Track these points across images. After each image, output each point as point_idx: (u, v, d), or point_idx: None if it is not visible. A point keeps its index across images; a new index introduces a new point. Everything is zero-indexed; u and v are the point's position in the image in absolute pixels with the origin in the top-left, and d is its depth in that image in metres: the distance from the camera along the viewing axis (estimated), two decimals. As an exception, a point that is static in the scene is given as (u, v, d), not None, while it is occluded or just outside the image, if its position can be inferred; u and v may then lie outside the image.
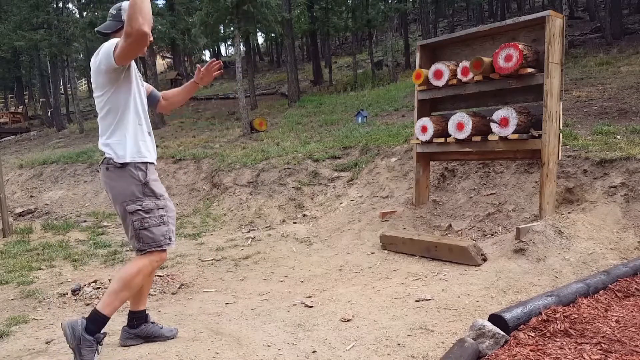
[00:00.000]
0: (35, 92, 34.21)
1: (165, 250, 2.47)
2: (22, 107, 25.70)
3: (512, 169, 5.18)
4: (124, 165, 2.33)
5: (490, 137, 4.36)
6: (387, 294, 3.32)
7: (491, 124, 4.31)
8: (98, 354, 2.32)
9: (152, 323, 2.62)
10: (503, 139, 4.24)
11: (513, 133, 4.13)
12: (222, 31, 22.34)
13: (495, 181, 5.20)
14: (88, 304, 3.43)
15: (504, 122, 4.16)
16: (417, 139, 4.96)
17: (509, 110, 4.14)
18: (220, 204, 7.11)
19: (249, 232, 5.92)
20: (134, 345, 2.56)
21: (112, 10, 2.40)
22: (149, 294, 3.57)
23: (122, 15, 2.33)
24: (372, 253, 4.45)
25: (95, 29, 2.47)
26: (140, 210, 2.35)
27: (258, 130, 11.43)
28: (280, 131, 10.91)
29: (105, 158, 2.37)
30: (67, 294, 3.61)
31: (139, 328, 2.57)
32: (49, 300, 3.55)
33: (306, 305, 3.18)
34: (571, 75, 9.43)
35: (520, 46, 4.01)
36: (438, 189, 5.62)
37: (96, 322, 2.31)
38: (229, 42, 33.75)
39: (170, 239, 2.46)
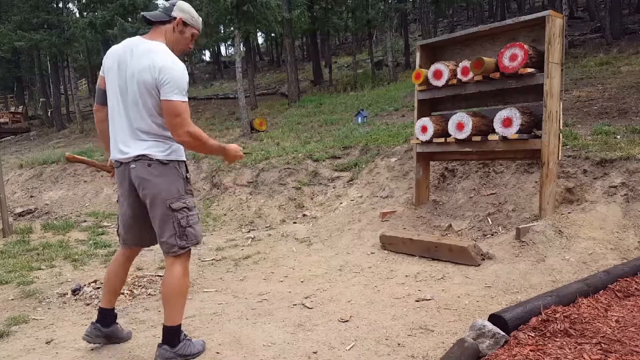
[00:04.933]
0: (35, 92, 34.19)
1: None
2: (22, 107, 25.69)
3: (512, 169, 5.18)
4: (169, 162, 2.31)
5: (490, 137, 4.36)
6: (387, 294, 3.33)
7: (494, 124, 4.31)
8: (191, 340, 2.47)
9: (117, 324, 2.64)
10: (503, 139, 4.24)
11: (515, 133, 4.13)
12: (222, 31, 22.32)
13: (495, 181, 5.20)
14: (88, 304, 3.42)
15: (507, 123, 4.16)
16: (417, 139, 4.96)
17: (512, 111, 4.14)
18: (220, 204, 7.11)
19: (249, 232, 5.92)
20: (98, 344, 2.58)
21: (167, 3, 2.39)
22: (150, 294, 3.58)
23: (173, 11, 2.35)
24: (372, 253, 4.45)
25: (142, 13, 2.46)
26: (185, 208, 2.34)
27: (258, 130, 11.43)
28: (280, 131, 10.91)
29: (143, 155, 2.28)
30: (67, 294, 3.61)
31: (110, 327, 2.57)
32: (49, 300, 3.55)
33: (306, 306, 3.18)
34: (571, 75, 9.43)
35: (525, 46, 4.02)
36: (438, 189, 5.62)
37: (174, 335, 2.37)
38: (229, 42, 33.74)
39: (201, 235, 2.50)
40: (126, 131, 2.31)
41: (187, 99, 2.25)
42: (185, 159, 2.41)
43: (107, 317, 2.57)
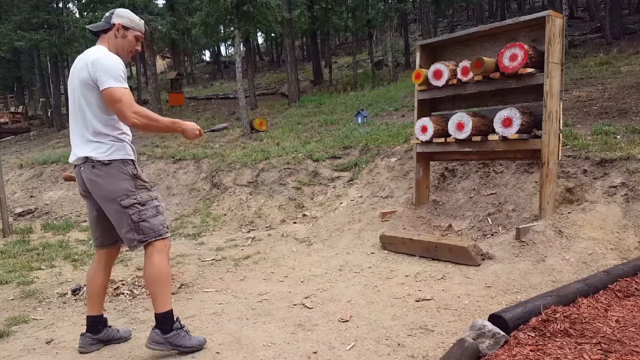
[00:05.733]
0: (35, 92, 34.18)
1: (167, 238, 2.52)
2: (22, 107, 25.67)
3: (512, 169, 5.18)
4: (110, 162, 2.40)
5: (490, 137, 4.36)
6: (387, 294, 3.33)
7: (494, 124, 4.31)
8: (189, 332, 2.53)
9: (110, 327, 2.67)
10: (503, 139, 4.24)
11: (515, 133, 4.13)
12: (222, 31, 22.33)
13: (495, 181, 5.20)
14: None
15: (507, 123, 4.16)
16: (417, 139, 4.96)
17: (513, 111, 4.14)
18: (220, 204, 7.11)
19: (249, 232, 5.92)
20: (95, 350, 2.58)
21: (107, 13, 2.57)
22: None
23: (112, 19, 2.52)
24: (372, 253, 4.45)
25: (87, 26, 2.62)
26: (136, 203, 2.41)
27: (258, 130, 11.43)
28: (280, 131, 10.91)
29: (87, 157, 2.41)
30: (67, 294, 3.61)
31: (102, 333, 2.60)
32: (49, 300, 3.55)
33: (306, 306, 3.18)
34: (571, 75, 9.43)
35: (525, 46, 4.02)
36: (438, 189, 5.62)
37: (165, 321, 2.44)
38: (229, 42, 33.74)
39: (167, 227, 2.54)
40: (75, 135, 2.47)
41: (126, 86, 2.36)
42: (132, 157, 2.48)
43: (95, 324, 2.59)
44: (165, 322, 2.44)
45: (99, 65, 2.32)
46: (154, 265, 2.43)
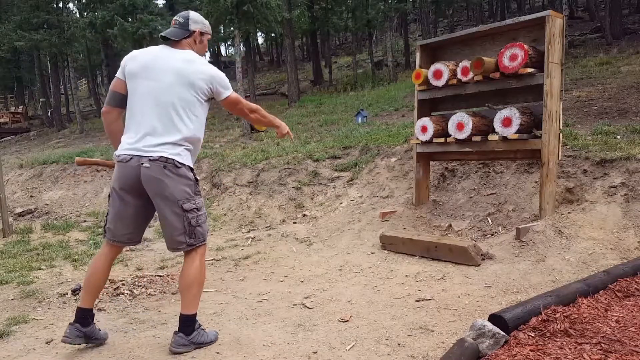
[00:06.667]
0: (35, 92, 34.20)
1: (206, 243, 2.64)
2: (22, 107, 25.69)
3: (512, 169, 5.18)
4: (182, 165, 2.47)
5: (490, 137, 4.36)
6: (387, 294, 3.33)
7: (494, 124, 4.31)
8: (205, 330, 2.64)
9: (94, 324, 2.62)
10: (503, 139, 4.24)
11: (515, 133, 4.13)
12: (222, 31, 22.33)
13: (495, 181, 5.20)
14: (88, 304, 3.42)
15: (507, 122, 4.16)
16: (417, 139, 4.96)
17: (512, 111, 4.14)
18: (220, 204, 7.11)
19: (249, 232, 5.92)
20: (78, 344, 2.54)
21: (179, 19, 2.58)
22: (150, 294, 3.58)
23: (189, 25, 2.56)
24: (372, 253, 4.45)
25: (160, 34, 2.62)
26: (195, 208, 2.50)
27: (258, 130, 11.40)
28: (280, 131, 10.89)
29: (162, 157, 2.41)
30: (67, 294, 3.61)
31: (89, 327, 2.56)
32: (49, 300, 3.55)
33: (306, 306, 3.18)
34: (571, 75, 9.43)
35: (525, 46, 4.02)
36: (438, 189, 5.62)
37: (189, 323, 2.53)
38: (229, 42, 33.73)
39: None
40: (147, 131, 2.44)
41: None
42: (193, 166, 2.57)
43: (86, 317, 2.56)
44: (190, 324, 2.52)
45: (218, 78, 2.51)
46: (198, 268, 2.52)
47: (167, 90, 2.43)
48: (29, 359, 2.55)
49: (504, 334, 2.16)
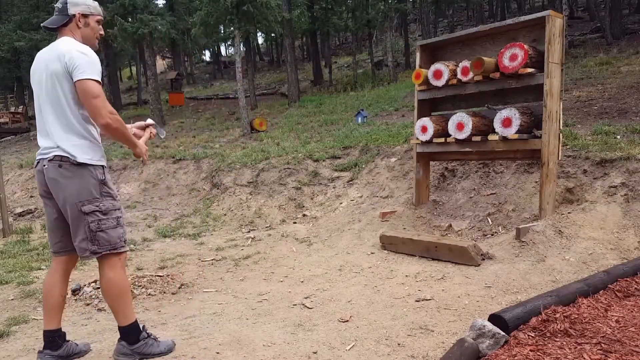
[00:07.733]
0: (35, 92, 34.08)
1: (123, 252, 2.38)
2: (22, 107, 25.66)
3: (512, 169, 5.18)
4: (81, 164, 2.25)
5: (490, 137, 4.36)
6: (387, 294, 3.33)
7: (494, 124, 4.31)
8: (157, 340, 2.46)
9: (68, 341, 2.47)
10: (503, 139, 4.24)
11: (515, 133, 4.13)
12: (222, 31, 22.33)
13: (495, 181, 5.20)
14: (88, 304, 3.43)
15: (506, 123, 4.16)
16: (417, 139, 4.96)
17: (512, 111, 4.14)
18: (220, 204, 7.11)
19: (249, 232, 5.92)
20: None
21: (58, 4, 2.34)
22: (150, 294, 3.58)
23: (68, 10, 2.32)
24: (372, 253, 4.45)
25: (42, 24, 2.41)
26: (97, 211, 2.26)
27: (258, 130, 11.43)
28: (280, 131, 10.91)
29: (56, 155, 2.25)
30: (67, 294, 3.61)
31: (62, 349, 2.40)
32: (49, 300, 3.54)
33: (306, 306, 3.18)
34: (571, 75, 9.43)
35: (525, 46, 4.02)
36: (438, 189, 5.62)
37: (131, 332, 2.38)
38: (229, 42, 33.74)
39: (125, 241, 2.39)
40: (42, 131, 2.32)
41: (100, 82, 2.23)
42: (103, 164, 2.34)
43: (55, 339, 2.38)
44: (130, 334, 2.36)
45: (78, 56, 2.18)
46: (108, 280, 2.31)
47: (47, 90, 2.26)
48: (29, 359, 2.55)
49: (504, 334, 2.16)
